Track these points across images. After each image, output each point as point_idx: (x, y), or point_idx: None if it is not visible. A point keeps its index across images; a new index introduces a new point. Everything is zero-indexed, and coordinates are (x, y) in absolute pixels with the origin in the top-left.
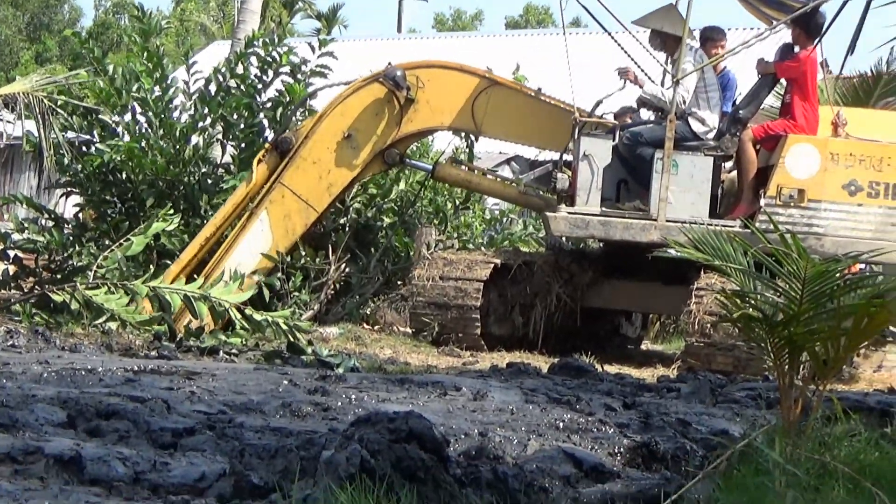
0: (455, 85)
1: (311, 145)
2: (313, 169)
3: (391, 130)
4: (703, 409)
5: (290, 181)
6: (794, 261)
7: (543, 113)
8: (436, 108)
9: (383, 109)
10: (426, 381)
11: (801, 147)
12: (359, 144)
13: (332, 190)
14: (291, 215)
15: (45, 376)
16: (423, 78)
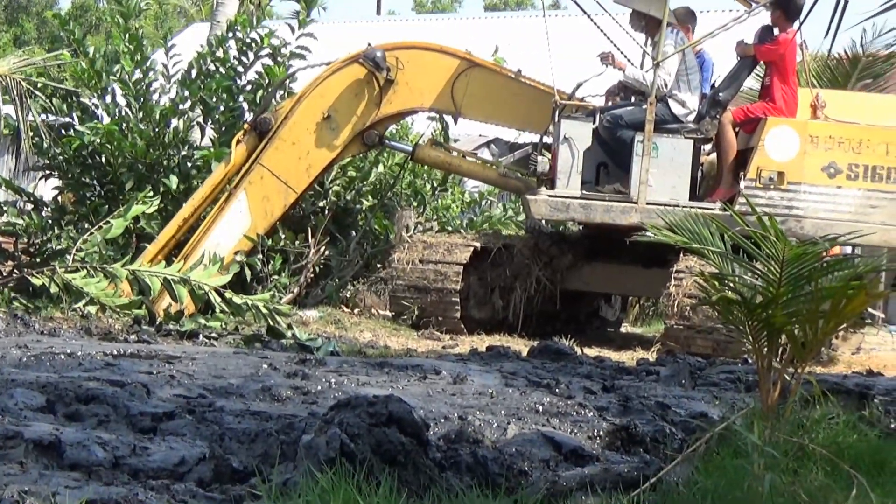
0: (435, 66)
1: (291, 126)
2: (292, 150)
3: (371, 111)
4: (682, 392)
5: (269, 162)
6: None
7: (523, 95)
8: (415, 90)
9: (363, 90)
10: (406, 364)
11: (781, 129)
12: (338, 125)
13: (312, 171)
14: (270, 196)
15: (24, 361)
16: (402, 59)
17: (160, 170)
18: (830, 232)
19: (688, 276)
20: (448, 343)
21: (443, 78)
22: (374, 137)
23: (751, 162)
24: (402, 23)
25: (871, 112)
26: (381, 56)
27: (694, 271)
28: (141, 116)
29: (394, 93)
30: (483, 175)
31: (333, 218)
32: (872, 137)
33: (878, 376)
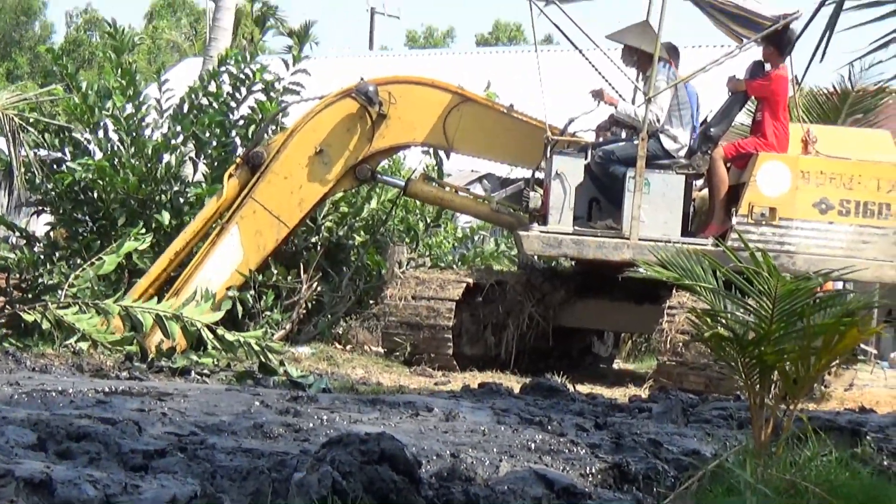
0: (427, 101)
1: (283, 160)
2: (285, 184)
3: (363, 146)
4: (675, 429)
5: (262, 196)
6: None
7: (515, 130)
8: (408, 124)
9: (355, 125)
10: (398, 401)
11: (773, 165)
12: (330, 160)
13: (304, 205)
14: (263, 231)
15: (15, 398)
16: (395, 93)
17: (152, 205)
18: (823, 268)
19: (680, 313)
20: (440, 380)
21: (435, 112)
22: (366, 172)
23: (743, 197)
24: (394, 58)
25: (861, 147)
26: (374, 90)
27: (686, 307)
28: (133, 151)
29: (386, 127)
30: (475, 210)
31: (326, 254)
32: (864, 173)
33: (871, 413)
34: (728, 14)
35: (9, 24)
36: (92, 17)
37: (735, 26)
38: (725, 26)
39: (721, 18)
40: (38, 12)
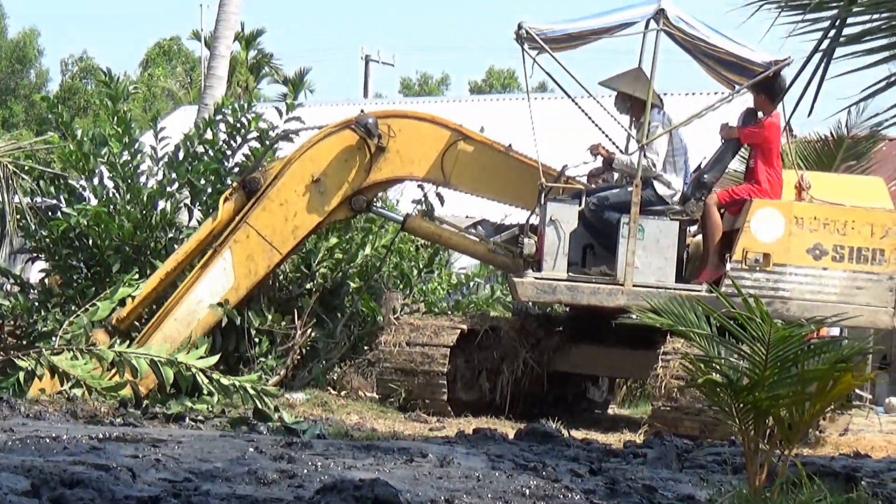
0: (426, 136)
1: (280, 187)
2: (280, 211)
3: (360, 177)
4: (670, 474)
5: (256, 222)
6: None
7: (513, 169)
8: (406, 158)
9: (353, 156)
10: (392, 447)
11: (766, 211)
12: (327, 189)
13: (298, 233)
14: (255, 256)
15: (9, 444)
16: (394, 127)
17: (147, 252)
18: (817, 313)
19: (675, 358)
20: (435, 425)
21: (434, 148)
22: (361, 203)
23: (737, 243)
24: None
25: (855, 193)
26: (374, 123)
27: (680, 353)
28: (128, 198)
29: (384, 160)
30: (472, 250)
31: (320, 300)
32: (857, 219)
33: (866, 458)
34: (720, 61)
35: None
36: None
37: (727, 73)
38: (717, 73)
39: (713, 65)
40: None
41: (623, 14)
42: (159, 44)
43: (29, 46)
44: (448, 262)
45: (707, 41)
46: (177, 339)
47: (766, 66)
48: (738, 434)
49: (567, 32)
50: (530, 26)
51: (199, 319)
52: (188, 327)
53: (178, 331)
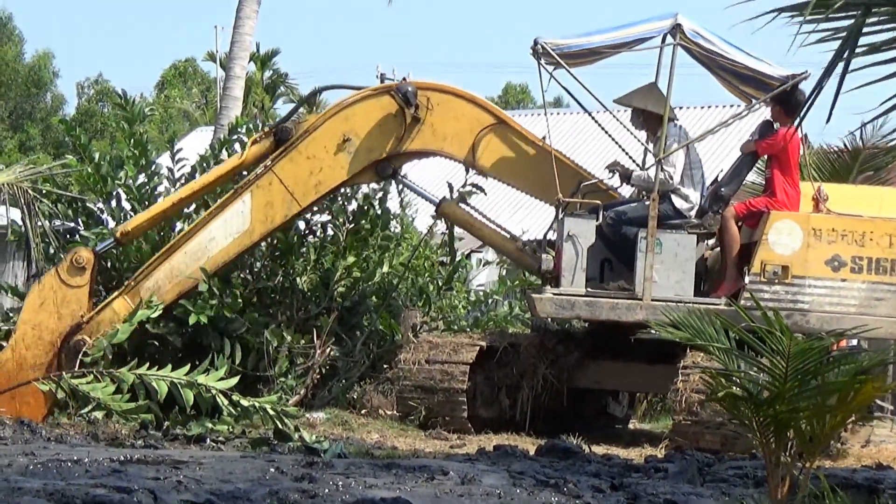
0: (464, 114)
1: (310, 141)
2: (306, 164)
3: (391, 145)
4: (691, 488)
5: (281, 171)
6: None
7: (546, 164)
8: (439, 133)
9: (388, 122)
10: (413, 465)
11: (784, 223)
12: (356, 151)
13: (320, 189)
14: (274, 204)
15: (31, 468)
16: (433, 100)
17: None
18: (836, 325)
19: (694, 372)
20: (455, 443)
21: (469, 128)
22: (387, 170)
23: (755, 256)
24: None
25: (872, 204)
26: (413, 92)
27: (700, 367)
28: None
29: (418, 131)
30: (501, 244)
31: (339, 319)
32: (875, 230)
33: (888, 470)
34: (737, 75)
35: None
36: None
37: (744, 87)
38: (734, 87)
39: (729, 79)
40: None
41: (639, 28)
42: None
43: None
44: (466, 279)
45: (725, 55)
46: (182, 273)
47: (783, 80)
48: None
49: (583, 48)
50: (546, 42)
51: (208, 257)
52: (196, 263)
53: (185, 264)
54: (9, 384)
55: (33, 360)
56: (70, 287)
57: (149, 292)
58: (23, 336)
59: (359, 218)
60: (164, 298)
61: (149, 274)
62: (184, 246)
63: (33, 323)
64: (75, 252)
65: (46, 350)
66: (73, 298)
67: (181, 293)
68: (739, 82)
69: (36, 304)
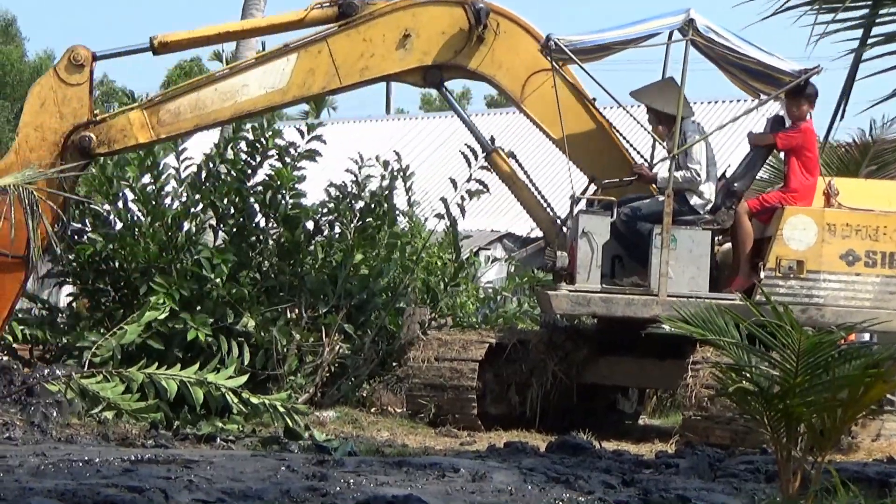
0: (526, 51)
1: (372, 25)
2: (360, 45)
3: (447, 54)
4: (703, 483)
5: (334, 44)
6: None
7: (585, 125)
8: (496, 60)
9: (452, 32)
10: (424, 463)
11: (799, 218)
12: (412, 48)
13: (365, 74)
14: (317, 72)
15: (42, 469)
16: (502, 27)
17: (174, 273)
18: (851, 320)
19: (704, 367)
20: (466, 440)
21: (526, 65)
22: (436, 78)
23: (770, 251)
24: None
25: (883, 198)
26: (486, 12)
27: (710, 362)
28: (152, 221)
29: (477, 51)
30: (535, 211)
31: (347, 316)
32: (889, 224)
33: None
34: (747, 70)
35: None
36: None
37: (753, 82)
38: (743, 82)
39: (739, 74)
40: None
41: (652, 24)
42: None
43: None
44: (475, 276)
45: (737, 51)
46: (207, 108)
47: (795, 75)
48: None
49: (596, 43)
50: (559, 38)
51: (236, 101)
52: (223, 102)
53: (212, 100)
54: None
55: (38, 162)
56: (70, 85)
57: (168, 113)
58: (25, 138)
59: (366, 216)
60: (181, 126)
61: (174, 97)
62: (216, 83)
63: (35, 125)
64: (73, 50)
65: (50, 150)
66: (73, 97)
67: (197, 127)
68: (749, 77)
69: (36, 105)
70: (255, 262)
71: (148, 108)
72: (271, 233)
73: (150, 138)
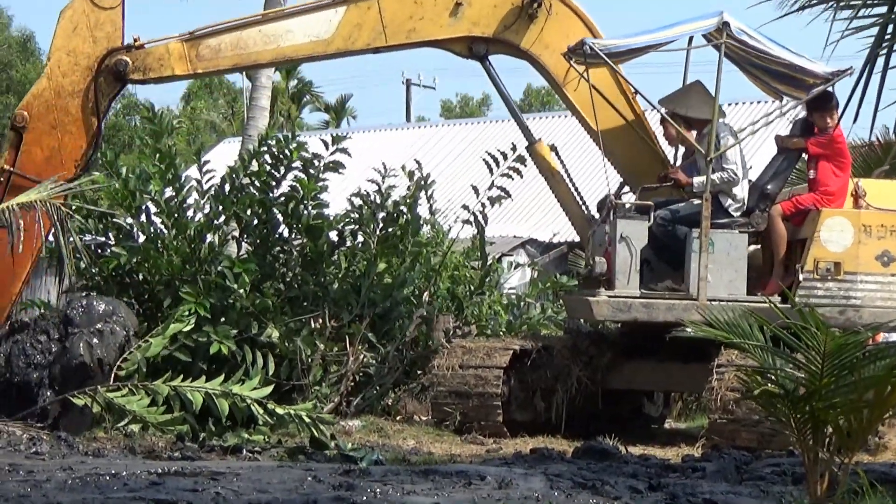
0: (576, 36)
1: None
2: (412, 7)
3: (497, 27)
4: (730, 487)
5: (385, 1)
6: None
7: (621, 127)
8: (544, 41)
9: (504, 6)
10: (450, 471)
11: (836, 220)
12: (463, 16)
13: (412, 36)
14: (363, 28)
15: (69, 483)
16: (555, 8)
17: (198, 285)
18: (888, 320)
19: (729, 370)
20: (492, 447)
21: None
22: (481, 50)
23: (808, 253)
24: (431, 128)
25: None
26: None
27: (735, 365)
28: (175, 233)
29: (527, 28)
30: (569, 206)
31: (371, 325)
32: None
33: None
34: (771, 72)
35: None
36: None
37: (777, 84)
38: (765, 83)
39: (762, 77)
40: None
41: (686, 27)
42: None
43: None
44: (498, 283)
45: (770, 52)
46: (248, 48)
47: (826, 77)
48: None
49: (630, 47)
50: (594, 42)
51: (278, 45)
52: (265, 45)
53: (254, 41)
54: (48, 113)
55: (71, 87)
56: (103, 9)
57: (208, 48)
58: (58, 63)
59: (388, 225)
60: (219, 64)
61: (216, 34)
62: (261, 24)
63: (67, 49)
64: None
65: (84, 75)
66: (106, 21)
67: (236, 66)
68: (772, 80)
69: (69, 29)
70: (279, 273)
71: (189, 40)
72: (295, 243)
73: (187, 71)
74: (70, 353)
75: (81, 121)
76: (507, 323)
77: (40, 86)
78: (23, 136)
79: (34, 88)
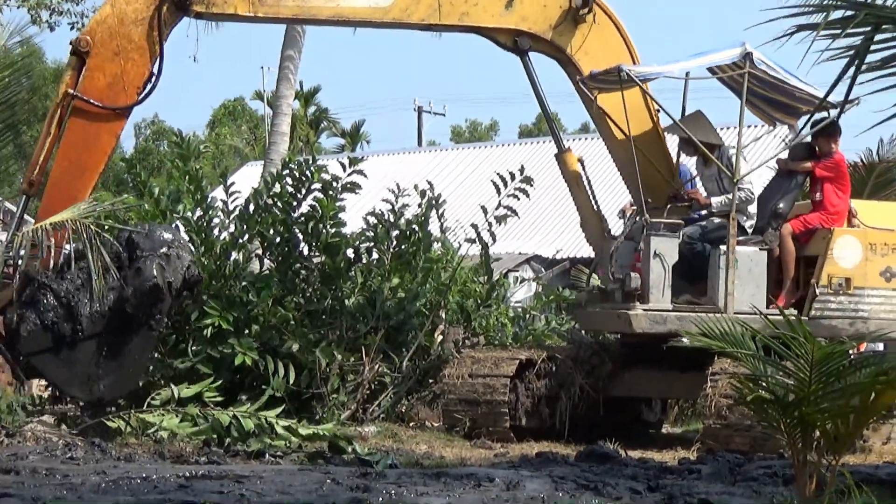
0: (612, 49)
1: None
2: None
3: (542, 25)
4: (724, 488)
5: None
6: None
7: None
8: (585, 47)
9: (556, 7)
10: (461, 473)
11: (846, 239)
12: (514, 10)
13: (464, 19)
14: (422, 2)
15: (102, 486)
16: (599, 17)
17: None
18: (891, 331)
19: (723, 378)
20: (499, 451)
21: (608, 62)
22: (525, 44)
23: (822, 270)
24: (441, 152)
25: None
26: None
27: (728, 372)
28: (203, 251)
29: (569, 32)
30: (588, 216)
31: (386, 337)
32: None
33: None
34: (768, 100)
35: None
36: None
37: (773, 112)
38: (762, 111)
39: (759, 104)
40: None
41: (714, 56)
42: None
43: None
44: (505, 297)
45: (787, 82)
46: (310, 2)
47: (813, 102)
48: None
49: (662, 74)
50: (630, 69)
51: (338, 4)
52: (326, 1)
53: (317, 5)
54: (111, 40)
55: (134, 15)
56: None
57: None
58: None
59: (402, 242)
60: (280, 12)
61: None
62: None
63: None
64: None
65: (147, 3)
66: None
67: (295, 17)
68: (769, 107)
69: None
70: (299, 288)
71: None
72: (314, 260)
73: (248, 12)
74: (143, 276)
75: (145, 48)
76: (513, 334)
77: (104, 12)
78: (85, 61)
79: (98, 14)
